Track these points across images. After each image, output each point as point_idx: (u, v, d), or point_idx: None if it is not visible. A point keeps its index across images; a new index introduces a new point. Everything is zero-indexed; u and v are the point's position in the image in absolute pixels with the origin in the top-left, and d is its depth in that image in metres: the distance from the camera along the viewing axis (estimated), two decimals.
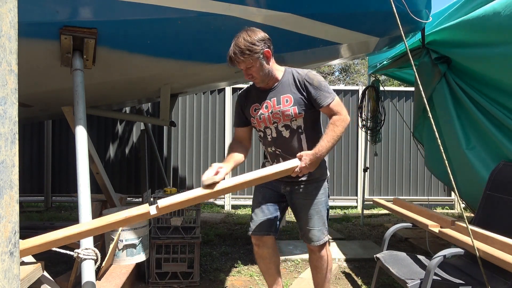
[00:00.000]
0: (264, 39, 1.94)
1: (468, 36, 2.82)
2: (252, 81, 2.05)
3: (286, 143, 2.06)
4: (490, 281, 1.99)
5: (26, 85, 2.30)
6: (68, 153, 5.89)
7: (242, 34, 1.92)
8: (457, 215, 5.58)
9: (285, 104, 2.01)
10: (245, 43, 1.88)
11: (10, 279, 0.74)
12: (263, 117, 2.05)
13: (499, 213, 2.40)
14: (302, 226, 2.15)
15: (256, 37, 1.91)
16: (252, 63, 1.92)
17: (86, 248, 1.68)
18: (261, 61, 1.93)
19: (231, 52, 1.91)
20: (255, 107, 2.08)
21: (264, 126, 2.08)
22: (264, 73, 1.97)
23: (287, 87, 2.03)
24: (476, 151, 2.90)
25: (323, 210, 2.13)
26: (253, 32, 1.93)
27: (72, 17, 2.23)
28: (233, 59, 1.91)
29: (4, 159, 0.74)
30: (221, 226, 4.87)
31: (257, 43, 1.90)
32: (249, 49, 1.88)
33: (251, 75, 1.97)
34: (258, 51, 1.90)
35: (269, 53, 1.95)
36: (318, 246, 2.13)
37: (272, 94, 2.04)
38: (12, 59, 0.76)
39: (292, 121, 2.02)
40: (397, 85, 8.81)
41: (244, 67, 1.94)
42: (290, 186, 2.14)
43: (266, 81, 2.02)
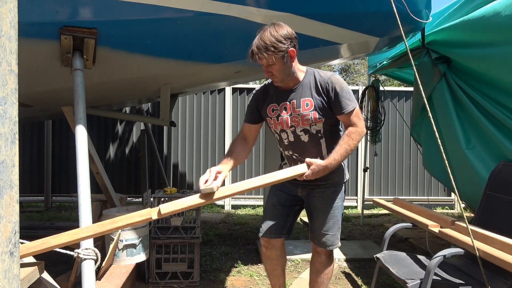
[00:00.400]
0: (292, 37, 1.81)
1: (468, 36, 2.82)
2: (271, 79, 1.93)
3: (305, 148, 1.97)
4: (490, 281, 1.99)
5: (26, 85, 2.30)
6: (68, 153, 5.89)
7: (270, 28, 1.79)
8: (457, 215, 5.58)
9: (305, 108, 1.91)
10: (271, 39, 1.75)
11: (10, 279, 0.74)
12: (281, 119, 1.96)
13: (499, 213, 2.40)
14: (315, 229, 2.09)
15: (283, 34, 1.78)
16: (274, 61, 1.80)
17: (86, 248, 1.68)
18: (284, 60, 1.81)
19: (255, 46, 1.78)
20: (273, 107, 1.98)
21: (280, 129, 2.00)
22: (285, 73, 1.86)
23: (308, 90, 1.92)
24: (476, 151, 2.90)
25: (339, 215, 2.08)
26: (281, 28, 1.80)
27: (72, 17, 2.23)
28: (256, 53, 1.78)
29: (4, 159, 0.74)
30: (221, 226, 4.88)
31: (283, 41, 1.77)
32: (275, 46, 1.76)
33: (271, 72, 1.85)
34: (284, 49, 1.78)
35: (294, 53, 1.84)
36: (329, 250, 2.09)
37: (292, 96, 1.94)
38: (12, 59, 0.76)
39: (312, 126, 1.93)
40: (397, 85, 8.81)
41: (265, 64, 1.82)
42: (308, 189, 2.08)
43: (286, 81, 1.91)
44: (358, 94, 6.25)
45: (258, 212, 5.78)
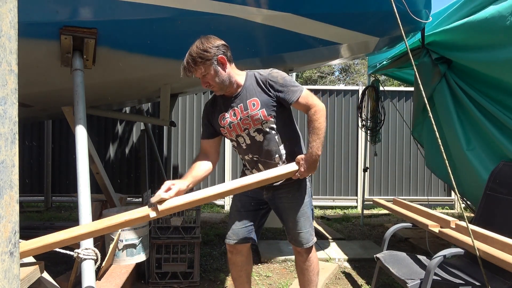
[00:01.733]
0: (219, 45, 1.86)
1: (470, 39, 2.81)
2: (211, 89, 1.96)
3: (262, 147, 1.99)
4: (490, 281, 1.99)
5: (26, 85, 2.30)
6: (68, 153, 5.89)
7: (196, 43, 1.86)
8: (457, 215, 5.58)
9: (252, 108, 1.93)
10: (197, 51, 1.82)
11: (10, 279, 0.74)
12: (233, 125, 1.98)
13: (499, 213, 2.40)
14: (289, 229, 2.10)
15: (209, 44, 1.84)
16: (206, 71, 1.84)
17: (86, 248, 1.68)
18: (215, 67, 1.85)
19: (184, 62, 1.85)
20: (222, 116, 2.00)
21: (235, 135, 2.01)
22: (220, 80, 1.89)
23: (252, 90, 1.95)
24: (477, 151, 2.90)
25: (308, 211, 2.09)
26: (207, 40, 1.87)
27: (72, 17, 2.23)
28: (186, 68, 1.85)
29: (4, 159, 0.74)
30: (221, 226, 4.87)
31: (209, 50, 1.83)
32: (201, 56, 1.82)
33: (208, 83, 1.89)
34: (211, 57, 1.83)
35: (223, 59, 1.87)
36: (306, 248, 2.09)
37: (238, 100, 1.96)
38: (12, 59, 0.76)
39: (263, 124, 1.95)
40: (397, 85, 8.81)
41: (199, 75, 1.87)
42: (272, 191, 2.07)
43: (224, 89, 1.93)
44: (358, 94, 6.26)
45: None
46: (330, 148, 6.27)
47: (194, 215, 3.05)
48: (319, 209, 6.08)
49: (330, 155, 6.28)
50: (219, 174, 6.10)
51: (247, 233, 2.13)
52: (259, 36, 2.77)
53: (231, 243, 2.14)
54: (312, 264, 2.14)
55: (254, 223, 2.15)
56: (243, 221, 2.13)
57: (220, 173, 6.11)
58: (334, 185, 6.29)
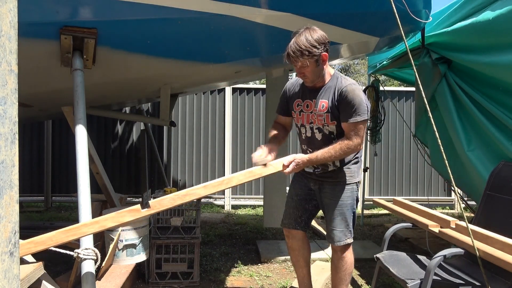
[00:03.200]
0: (325, 41, 1.95)
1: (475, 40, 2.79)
2: (302, 80, 2.08)
3: (318, 145, 2.09)
4: (490, 281, 1.99)
5: (26, 85, 2.30)
6: (68, 153, 5.88)
7: (305, 33, 1.92)
8: (457, 215, 5.58)
9: (321, 108, 2.05)
10: (306, 44, 1.88)
11: (10, 279, 0.74)
12: (303, 115, 2.12)
13: (499, 213, 2.40)
14: (327, 224, 2.22)
15: (317, 39, 1.91)
16: (308, 64, 1.93)
17: (86, 248, 1.68)
18: (317, 63, 1.95)
19: (290, 50, 1.91)
20: (298, 102, 2.14)
21: (301, 123, 2.15)
22: (316, 75, 2.00)
23: (328, 93, 2.05)
24: (477, 152, 2.90)
25: (347, 212, 2.16)
26: (315, 32, 1.93)
27: (72, 17, 2.23)
28: (292, 57, 1.92)
29: (4, 159, 0.74)
30: (221, 226, 4.87)
31: (318, 46, 1.90)
32: (309, 51, 1.89)
33: (304, 74, 1.99)
34: (318, 53, 1.91)
35: (326, 57, 1.97)
36: (339, 246, 2.18)
37: (316, 95, 2.07)
38: (12, 59, 0.76)
39: (324, 126, 2.07)
40: (397, 85, 8.81)
41: (299, 66, 1.95)
42: (319, 185, 2.20)
43: (315, 82, 2.05)
44: None
45: (258, 212, 5.78)
46: None
47: (194, 215, 3.05)
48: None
49: None
50: (219, 170, 6.10)
51: (298, 220, 2.26)
52: (259, 36, 2.77)
53: (285, 227, 2.31)
54: (346, 264, 2.24)
55: (306, 211, 2.28)
56: (294, 208, 2.28)
57: (220, 170, 6.11)
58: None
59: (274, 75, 3.69)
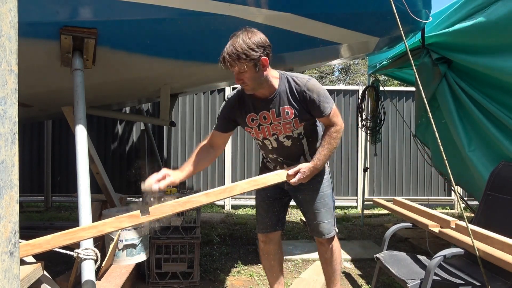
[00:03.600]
0: (264, 44, 1.76)
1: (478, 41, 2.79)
2: (242, 87, 1.88)
3: (289, 151, 2.03)
4: (490, 281, 1.99)
5: (26, 85, 2.30)
6: (68, 153, 5.88)
7: (242, 35, 1.74)
8: (457, 215, 5.58)
9: (285, 116, 1.91)
10: (243, 46, 1.71)
11: (10, 279, 0.74)
12: (262, 128, 1.97)
13: (499, 213, 2.40)
14: (310, 220, 2.16)
15: (255, 41, 1.73)
16: (246, 69, 1.74)
17: (86, 248, 1.68)
18: (256, 68, 1.76)
19: (226, 53, 1.74)
20: (252, 117, 1.96)
21: (262, 137, 2.02)
22: (256, 82, 1.82)
23: (285, 97, 1.90)
24: (478, 152, 2.90)
25: (329, 202, 2.13)
26: (254, 35, 1.75)
27: (72, 17, 2.23)
28: (227, 61, 1.74)
29: (4, 159, 0.74)
30: (221, 226, 4.87)
31: (256, 49, 1.72)
32: (246, 54, 1.71)
33: (242, 80, 1.80)
34: (256, 57, 1.73)
35: (266, 62, 1.78)
36: (327, 239, 2.14)
37: (271, 104, 1.91)
38: (12, 59, 0.76)
39: (294, 131, 1.98)
40: (397, 85, 8.81)
41: (237, 71, 1.77)
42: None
43: (257, 89, 1.87)
44: (358, 94, 6.25)
45: None
46: None
47: (194, 215, 3.04)
48: None
49: None
50: (219, 174, 6.10)
51: (275, 221, 2.21)
52: None
53: (263, 233, 2.22)
54: (334, 254, 2.19)
55: (280, 210, 2.22)
56: (270, 210, 2.21)
57: (220, 172, 6.11)
58: (334, 185, 6.28)
59: None
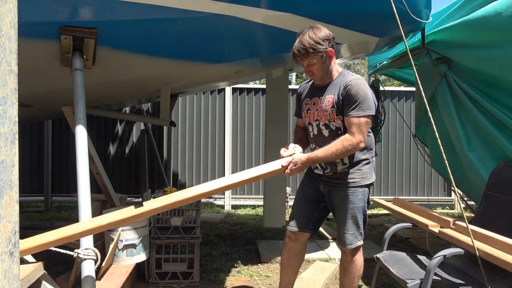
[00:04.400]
0: (329, 38, 1.96)
1: (469, 37, 2.81)
2: (311, 78, 2.10)
3: (325, 142, 2.03)
4: (490, 281, 1.99)
5: (26, 85, 2.30)
6: (68, 153, 5.88)
7: (308, 32, 1.94)
8: (457, 215, 5.58)
9: (326, 104, 2.04)
10: (310, 41, 1.90)
11: (10, 279, 0.74)
12: (310, 113, 2.12)
13: (499, 213, 2.40)
14: (338, 228, 2.18)
15: (321, 35, 1.93)
16: (315, 62, 1.95)
17: (86, 248, 1.68)
18: (323, 60, 1.96)
19: (295, 49, 1.94)
20: (306, 101, 2.16)
21: (307, 122, 2.15)
22: (324, 72, 2.02)
23: (334, 88, 2.04)
24: (477, 152, 2.89)
25: (359, 215, 2.11)
26: (319, 30, 1.95)
27: (72, 17, 2.23)
28: (297, 56, 1.94)
29: (4, 159, 0.74)
30: (221, 226, 4.87)
31: (322, 42, 1.92)
32: (314, 48, 1.91)
33: (312, 72, 2.00)
34: (322, 50, 1.93)
35: (332, 53, 1.98)
36: (350, 249, 2.14)
37: (322, 92, 2.08)
38: (12, 59, 0.76)
39: (331, 122, 2.04)
40: (397, 85, 8.81)
41: (306, 64, 1.98)
42: (329, 187, 2.16)
43: (324, 79, 2.06)
44: None
45: (258, 212, 5.78)
46: None
47: (194, 215, 3.05)
48: None
49: None
50: (219, 170, 6.10)
51: (306, 222, 2.23)
52: (259, 36, 2.77)
53: (292, 230, 2.25)
54: (355, 267, 2.19)
55: (314, 214, 2.23)
56: (303, 210, 2.24)
57: (220, 168, 6.11)
58: None
59: (274, 75, 3.69)
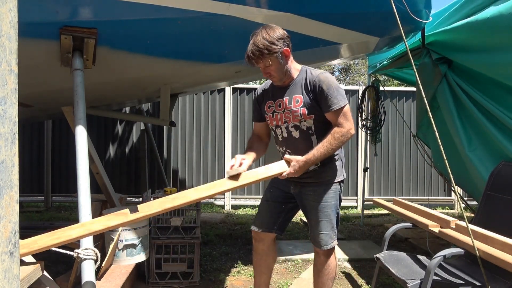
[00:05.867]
0: (283, 37, 1.90)
1: (472, 39, 2.80)
2: (270, 79, 2.04)
3: (296, 144, 2.02)
4: (490, 281, 1.99)
5: (26, 85, 2.30)
6: (68, 153, 5.89)
7: (261, 32, 1.88)
8: (457, 215, 5.58)
9: (295, 104, 1.98)
10: (264, 42, 1.85)
11: (10, 279, 0.74)
12: (276, 116, 2.05)
13: (499, 213, 2.40)
14: (311, 228, 2.12)
15: (275, 36, 1.87)
16: (271, 63, 1.90)
17: (86, 248, 1.68)
18: (279, 60, 1.91)
19: (249, 52, 1.88)
20: (269, 104, 2.09)
21: (275, 125, 2.08)
22: (282, 72, 1.96)
23: (300, 87, 2.00)
24: (478, 152, 2.90)
25: (332, 214, 2.07)
26: (272, 30, 1.89)
27: (72, 17, 2.22)
28: (252, 58, 1.89)
29: (4, 159, 0.74)
30: (221, 226, 4.87)
31: (276, 42, 1.87)
32: (268, 49, 1.85)
33: (269, 73, 1.95)
34: (277, 50, 1.87)
35: (288, 52, 1.93)
36: (324, 250, 2.09)
37: (286, 92, 2.02)
38: (12, 59, 0.76)
39: (301, 122, 1.98)
40: (397, 85, 8.81)
41: (262, 66, 1.92)
42: (300, 188, 2.10)
43: (283, 80, 2.00)
44: (358, 94, 6.25)
45: None
46: None
47: (194, 215, 3.04)
48: None
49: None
50: (219, 170, 6.10)
51: (272, 223, 2.19)
52: None
53: (254, 230, 2.21)
54: (328, 268, 2.14)
55: (280, 215, 2.20)
56: (269, 211, 2.20)
57: (220, 170, 6.11)
58: None
59: None
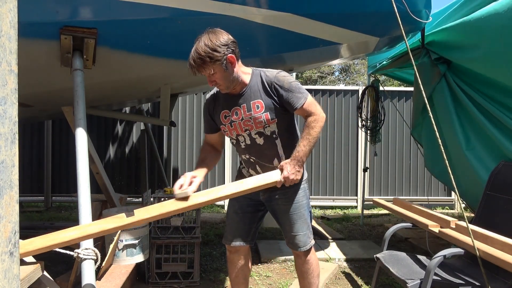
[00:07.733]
0: (227, 43, 1.75)
1: (467, 38, 2.81)
2: (217, 87, 1.90)
3: (261, 150, 1.95)
4: (490, 281, 1.99)
5: (26, 85, 2.30)
6: (68, 153, 5.89)
7: (203, 38, 1.74)
8: (457, 215, 5.58)
9: (256, 110, 1.88)
10: (205, 49, 1.71)
11: (10, 279, 0.74)
12: (234, 125, 1.93)
13: (499, 213, 2.40)
14: (286, 232, 2.05)
15: (218, 42, 1.73)
16: (214, 71, 1.75)
17: (86, 248, 1.68)
18: (224, 67, 1.76)
19: (191, 60, 1.74)
20: (224, 113, 1.95)
21: (236, 134, 1.96)
22: (228, 80, 1.82)
23: (257, 92, 1.88)
24: (476, 151, 2.90)
25: (305, 213, 2.03)
26: (215, 36, 1.75)
27: (72, 17, 2.23)
28: (193, 67, 1.75)
29: (4, 159, 0.74)
30: (221, 226, 4.87)
31: (218, 49, 1.72)
32: (210, 56, 1.71)
33: (215, 81, 1.81)
34: (220, 57, 1.73)
35: (233, 59, 1.78)
36: (304, 251, 2.05)
37: (242, 100, 1.90)
38: (12, 59, 0.76)
39: (265, 128, 1.90)
40: (397, 85, 8.81)
41: (207, 74, 1.78)
42: (269, 193, 2.02)
43: (231, 87, 1.87)
44: (358, 94, 6.25)
45: None
46: (330, 148, 6.28)
47: (194, 215, 3.04)
48: (319, 209, 6.08)
49: (330, 155, 6.28)
50: (219, 170, 6.10)
51: (245, 235, 2.11)
52: (259, 36, 2.77)
53: (229, 244, 2.13)
54: (311, 267, 2.09)
55: (252, 226, 2.12)
56: (240, 223, 2.11)
57: (220, 172, 6.11)
58: (334, 185, 6.28)
59: None
